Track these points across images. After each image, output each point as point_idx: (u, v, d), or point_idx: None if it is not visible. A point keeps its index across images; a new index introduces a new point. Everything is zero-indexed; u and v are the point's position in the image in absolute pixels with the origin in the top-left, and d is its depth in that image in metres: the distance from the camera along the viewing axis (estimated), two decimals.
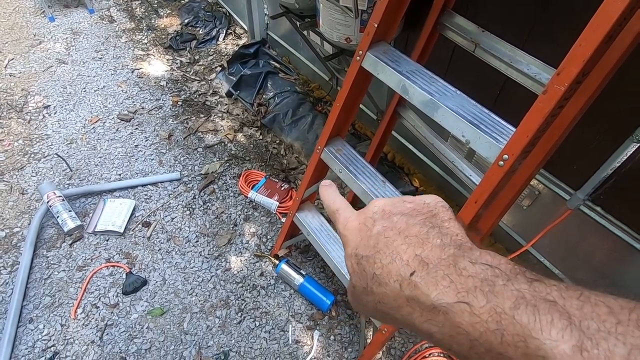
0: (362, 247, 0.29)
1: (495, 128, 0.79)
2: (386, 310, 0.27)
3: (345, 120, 1.17)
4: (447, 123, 0.82)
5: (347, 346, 1.47)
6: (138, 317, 1.50)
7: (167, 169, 2.00)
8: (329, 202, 0.36)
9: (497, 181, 0.76)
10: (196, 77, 2.56)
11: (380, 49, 0.96)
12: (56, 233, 1.71)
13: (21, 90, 2.35)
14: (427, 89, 0.86)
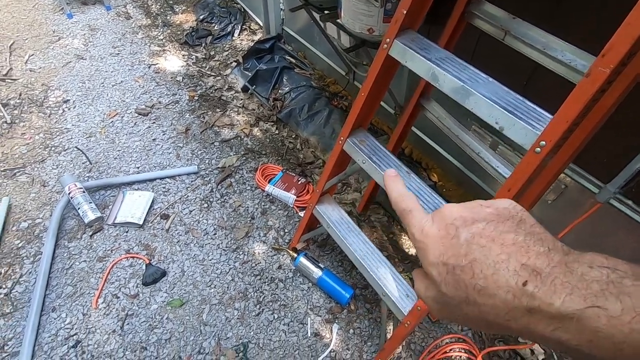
0: (450, 256, 0.28)
1: (530, 114, 0.77)
2: (497, 320, 0.27)
3: (369, 111, 1.16)
4: (479, 110, 0.81)
5: (366, 340, 1.46)
6: (158, 307, 1.51)
7: (184, 162, 2.01)
8: (399, 199, 0.34)
9: (533, 168, 0.75)
10: (212, 73, 2.57)
11: (407, 37, 0.95)
12: (77, 224, 1.73)
13: (41, 85, 2.39)
14: (459, 75, 0.85)
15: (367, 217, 1.85)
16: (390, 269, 1.27)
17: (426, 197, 1.05)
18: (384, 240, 1.78)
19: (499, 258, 0.26)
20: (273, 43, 2.57)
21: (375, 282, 1.25)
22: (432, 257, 0.30)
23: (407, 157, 2.02)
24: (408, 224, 0.33)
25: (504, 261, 0.26)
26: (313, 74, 2.47)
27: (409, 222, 0.33)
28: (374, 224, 1.83)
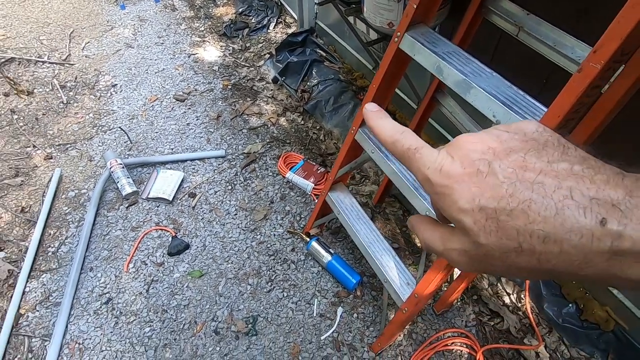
0: (489, 197, 0.23)
1: (528, 109, 0.78)
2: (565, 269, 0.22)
3: (381, 102, 1.20)
4: (478, 103, 0.83)
5: (369, 325, 1.51)
6: (179, 276, 1.65)
7: (213, 146, 2.14)
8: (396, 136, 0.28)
9: None
10: (246, 63, 2.69)
11: (418, 31, 0.98)
12: (116, 196, 1.92)
13: (94, 70, 2.62)
14: (462, 69, 0.87)
15: (382, 210, 1.89)
16: (394, 257, 1.31)
17: None
18: (396, 233, 1.81)
19: (559, 194, 0.21)
20: (305, 36, 2.64)
21: (378, 268, 1.30)
22: (463, 201, 0.24)
23: None
24: (417, 166, 0.27)
25: (566, 197, 0.21)
26: (342, 67, 2.52)
27: (417, 162, 0.26)
28: (389, 216, 1.87)
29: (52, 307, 1.56)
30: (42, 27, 2.95)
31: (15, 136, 2.19)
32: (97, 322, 1.52)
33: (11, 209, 1.86)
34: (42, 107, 2.36)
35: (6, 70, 2.57)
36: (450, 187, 0.24)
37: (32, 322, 1.52)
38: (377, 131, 0.29)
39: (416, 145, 0.27)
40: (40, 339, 1.47)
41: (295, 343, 1.47)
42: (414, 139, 0.28)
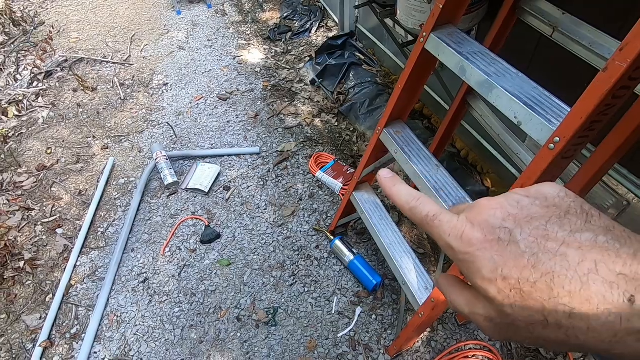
0: (512, 268, 0.23)
1: (552, 110, 0.75)
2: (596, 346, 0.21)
3: (406, 103, 1.20)
4: (500, 103, 0.81)
5: (387, 328, 1.50)
6: (209, 263, 1.74)
7: (250, 143, 2.24)
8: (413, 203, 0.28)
9: (545, 165, 0.73)
10: (286, 66, 2.79)
11: (445, 32, 0.98)
12: (159, 186, 2.07)
13: (149, 70, 2.86)
14: (485, 69, 0.86)
15: None
16: (414, 261, 1.30)
17: (450, 190, 1.06)
18: (423, 238, 1.77)
19: (583, 267, 0.21)
20: (345, 40, 2.68)
21: (397, 270, 1.29)
22: (486, 270, 0.23)
23: (462, 159, 1.97)
24: (437, 233, 0.26)
25: (591, 271, 0.20)
26: (380, 70, 2.52)
27: (437, 229, 0.26)
28: None
29: (97, 281, 1.72)
30: (108, 31, 3.27)
31: (79, 127, 2.44)
32: (134, 299, 1.65)
33: (71, 191, 2.08)
34: (103, 102, 2.61)
35: (76, 69, 2.88)
36: (473, 255, 0.24)
37: (80, 293, 1.69)
38: (394, 198, 0.30)
39: (434, 211, 0.27)
40: (85, 308, 1.63)
41: (312, 338, 1.50)
42: (431, 205, 0.28)
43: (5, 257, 1.77)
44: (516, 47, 1.29)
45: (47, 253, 1.83)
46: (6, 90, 2.68)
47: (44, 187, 2.11)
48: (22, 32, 3.24)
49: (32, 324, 1.60)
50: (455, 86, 1.72)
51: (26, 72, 2.80)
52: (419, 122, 2.19)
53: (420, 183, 1.11)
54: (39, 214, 1.98)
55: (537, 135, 0.75)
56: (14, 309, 1.65)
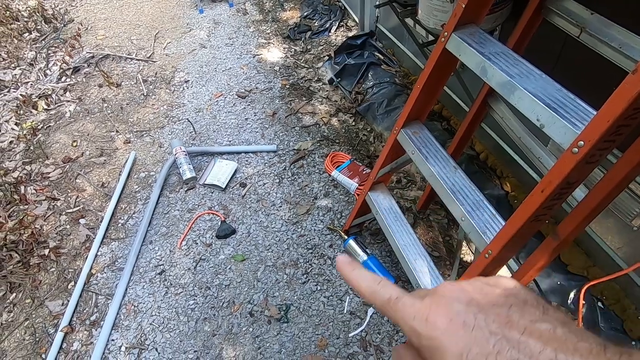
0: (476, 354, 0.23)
1: (576, 113, 0.73)
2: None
3: (425, 104, 1.19)
4: (522, 105, 0.80)
5: (398, 330, 1.49)
6: (224, 258, 1.77)
7: (267, 141, 2.27)
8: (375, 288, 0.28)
9: (568, 169, 0.71)
10: (305, 65, 2.80)
11: (467, 32, 0.96)
12: (177, 180, 2.12)
13: (172, 67, 2.92)
14: (508, 70, 0.84)
15: (426, 216, 1.84)
16: (429, 264, 1.29)
17: (467, 193, 1.05)
18: (438, 241, 1.75)
19: (544, 356, 0.21)
20: (365, 39, 2.67)
21: (411, 272, 1.28)
22: (452, 355, 0.23)
23: (480, 163, 1.93)
24: (400, 316, 0.26)
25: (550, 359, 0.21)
26: (399, 71, 2.50)
27: (400, 312, 0.26)
28: (432, 223, 1.82)
29: (116, 271, 1.77)
30: (133, 29, 3.36)
31: (104, 121, 2.52)
32: (151, 290, 1.69)
33: (94, 183, 2.15)
34: (127, 98, 2.69)
35: (102, 65, 2.97)
36: (438, 339, 0.24)
37: (100, 282, 1.74)
38: (354, 283, 0.29)
39: (397, 294, 0.27)
40: (105, 297, 1.69)
41: (324, 336, 1.50)
42: (392, 288, 0.27)
43: (32, 245, 1.85)
44: (540, 48, 1.26)
45: (71, 242, 1.90)
46: (36, 85, 2.79)
47: (69, 179, 2.19)
48: (53, 29, 3.36)
49: (54, 310, 1.66)
50: (475, 87, 1.69)
51: (55, 68, 2.91)
52: (438, 123, 2.16)
53: (437, 185, 1.10)
54: (63, 204, 2.06)
55: (560, 139, 0.73)
56: (38, 295, 1.72)
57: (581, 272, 1.50)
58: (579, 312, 1.41)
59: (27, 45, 3.19)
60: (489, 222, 0.99)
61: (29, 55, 3.07)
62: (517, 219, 0.83)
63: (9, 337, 1.60)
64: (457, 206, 1.03)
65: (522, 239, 0.93)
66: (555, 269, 1.52)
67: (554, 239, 1.03)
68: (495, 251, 0.90)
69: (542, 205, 0.78)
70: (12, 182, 2.12)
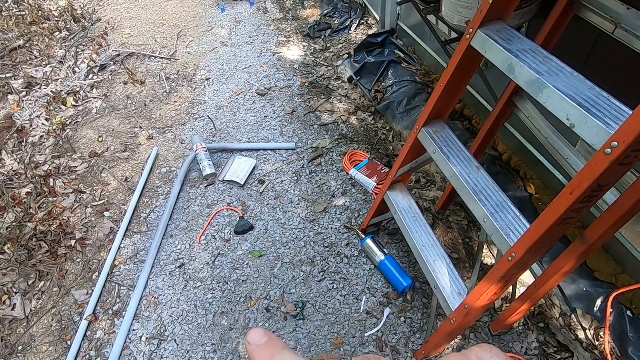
0: None
1: (610, 113, 0.70)
2: None
3: (448, 103, 1.17)
4: (551, 104, 0.77)
5: (415, 332, 1.47)
6: (242, 254, 1.79)
7: (285, 139, 2.28)
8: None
9: (600, 171, 0.68)
10: (325, 63, 2.79)
11: (493, 28, 0.94)
12: (198, 176, 2.16)
13: (193, 65, 2.97)
14: (536, 68, 0.81)
15: (446, 217, 1.81)
16: (448, 265, 1.26)
17: (490, 193, 1.02)
18: (458, 243, 1.72)
19: None
20: (385, 37, 2.64)
21: (430, 273, 1.26)
22: None
23: (503, 163, 1.88)
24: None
25: None
26: (420, 69, 2.46)
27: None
28: (451, 225, 1.78)
29: (138, 263, 1.82)
30: (157, 28, 3.44)
31: (128, 118, 2.60)
32: (171, 283, 1.73)
33: (118, 177, 2.22)
34: (150, 95, 2.75)
35: (127, 63, 3.05)
36: None
37: (123, 273, 1.80)
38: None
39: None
40: (127, 288, 1.74)
41: (339, 335, 1.50)
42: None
43: (60, 236, 1.92)
44: (570, 46, 1.21)
45: (95, 234, 1.96)
46: (66, 82, 2.90)
47: (94, 173, 2.27)
48: (81, 28, 3.48)
49: (79, 299, 1.72)
50: (499, 86, 1.64)
51: (83, 66, 3.02)
52: (459, 122, 2.12)
53: (459, 185, 1.08)
54: (89, 197, 2.13)
55: (592, 139, 0.71)
56: (64, 284, 1.79)
57: (609, 279, 1.44)
58: (606, 321, 1.36)
59: (58, 44, 3.31)
60: (512, 224, 0.97)
61: (59, 54, 3.18)
62: (544, 222, 0.80)
63: (38, 323, 1.67)
64: (480, 207, 1.01)
65: (548, 242, 0.90)
66: (582, 275, 1.47)
67: (581, 243, 0.99)
68: (520, 254, 0.88)
69: (571, 208, 0.76)
70: (42, 175, 2.21)
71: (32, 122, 2.59)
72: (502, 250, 0.96)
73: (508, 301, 1.51)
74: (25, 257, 1.86)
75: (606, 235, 0.94)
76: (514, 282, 1.38)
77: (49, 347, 1.60)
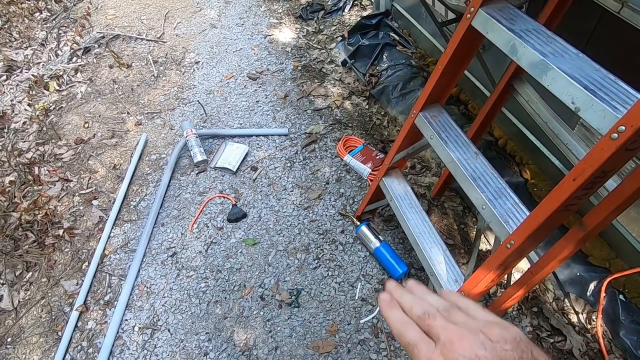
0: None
1: (617, 96, 0.67)
2: None
3: (446, 86, 1.13)
4: (555, 87, 0.74)
5: None
6: (235, 242, 1.77)
7: (278, 124, 2.22)
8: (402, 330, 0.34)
9: (605, 156, 0.66)
10: (318, 46, 2.72)
11: (495, 7, 0.89)
12: (188, 163, 2.10)
13: (182, 48, 2.87)
14: (540, 49, 0.78)
15: (441, 203, 1.80)
16: (444, 252, 1.25)
17: (489, 180, 1.00)
18: (453, 229, 1.71)
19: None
20: (380, 19, 2.57)
21: (426, 260, 1.25)
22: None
23: (499, 149, 1.86)
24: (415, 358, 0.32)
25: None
26: (415, 52, 2.41)
27: (416, 357, 0.32)
28: (447, 211, 1.77)
29: (129, 253, 1.78)
30: (143, 8, 3.30)
31: (115, 103, 2.51)
32: (163, 272, 1.70)
33: (106, 165, 2.15)
34: (137, 79, 2.66)
35: (112, 45, 2.93)
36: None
37: (113, 263, 1.76)
38: (388, 318, 0.36)
39: (415, 341, 0.32)
40: (118, 278, 1.71)
41: (334, 322, 1.49)
42: (413, 334, 0.33)
43: (46, 225, 1.87)
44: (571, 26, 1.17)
45: (84, 223, 1.92)
46: (48, 65, 2.78)
47: (81, 160, 2.20)
48: (63, 9, 3.33)
49: (69, 289, 1.69)
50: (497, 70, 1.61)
51: (66, 48, 2.89)
52: (455, 107, 2.09)
53: (457, 171, 1.05)
54: (76, 186, 2.07)
55: (597, 124, 0.68)
56: (53, 274, 1.75)
57: (603, 263, 1.45)
58: (599, 305, 1.37)
59: (38, 25, 3.16)
60: (511, 211, 0.95)
61: (40, 35, 3.05)
62: (545, 209, 0.79)
63: (27, 314, 1.64)
64: (478, 194, 0.99)
65: (548, 229, 0.88)
66: (575, 260, 1.47)
67: (580, 229, 0.98)
68: (519, 242, 0.86)
69: (573, 194, 0.74)
70: (26, 163, 2.14)
71: (13, 107, 2.49)
72: (501, 237, 0.94)
73: (503, 286, 1.52)
74: (11, 247, 1.81)
75: (605, 222, 0.92)
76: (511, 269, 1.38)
77: (39, 338, 1.57)
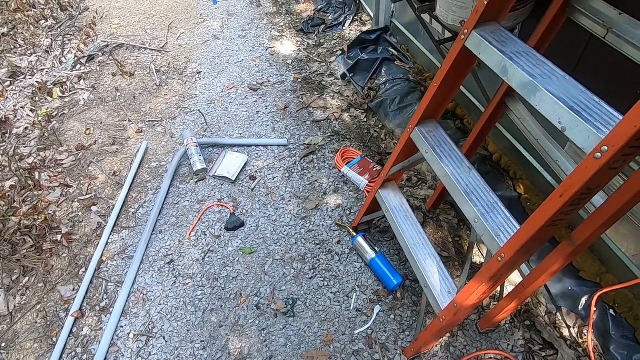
0: None
1: (600, 117, 0.71)
2: None
3: (441, 102, 1.17)
4: (543, 107, 0.77)
5: (405, 329, 1.48)
6: (232, 250, 1.78)
7: (277, 135, 2.26)
8: None
9: (590, 175, 0.69)
10: (318, 59, 2.78)
11: (488, 29, 0.94)
12: (188, 171, 2.13)
13: (184, 58, 2.92)
14: (530, 70, 0.82)
15: (436, 216, 1.83)
16: (438, 264, 1.27)
17: (482, 194, 1.03)
18: (447, 241, 1.74)
19: None
20: (379, 34, 2.64)
21: (420, 272, 1.27)
22: None
23: (493, 163, 1.90)
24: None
25: None
26: (412, 67, 2.47)
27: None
28: (442, 223, 1.80)
29: (126, 259, 1.79)
30: (147, 18, 3.37)
31: (117, 110, 2.54)
32: (160, 279, 1.71)
33: (106, 171, 2.18)
34: (140, 88, 2.70)
35: (116, 54, 2.99)
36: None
37: (110, 269, 1.77)
38: None
39: None
40: (114, 284, 1.71)
41: (329, 332, 1.50)
42: None
43: (45, 230, 1.88)
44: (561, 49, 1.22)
45: (82, 229, 1.93)
46: (52, 72, 2.82)
47: (81, 166, 2.22)
48: (68, 17, 3.39)
49: (65, 295, 1.69)
50: (492, 86, 1.66)
51: (70, 56, 2.94)
52: (451, 122, 2.13)
53: (451, 185, 1.09)
54: (76, 191, 2.09)
55: (582, 143, 0.71)
56: (50, 279, 1.75)
57: (594, 278, 1.47)
58: (590, 319, 1.39)
59: (43, 32, 3.22)
60: (502, 225, 0.98)
61: (44, 43, 3.10)
62: (533, 223, 0.82)
63: (22, 319, 1.64)
64: (471, 207, 1.02)
65: (537, 243, 0.91)
66: (567, 274, 1.50)
67: (569, 244, 1.01)
68: (509, 255, 0.89)
69: (560, 210, 0.77)
70: (27, 168, 2.16)
71: (16, 113, 2.52)
72: (492, 250, 0.97)
73: (496, 299, 1.54)
74: (9, 251, 1.81)
75: (593, 237, 0.95)
76: (503, 281, 1.40)
77: (33, 343, 1.57)
